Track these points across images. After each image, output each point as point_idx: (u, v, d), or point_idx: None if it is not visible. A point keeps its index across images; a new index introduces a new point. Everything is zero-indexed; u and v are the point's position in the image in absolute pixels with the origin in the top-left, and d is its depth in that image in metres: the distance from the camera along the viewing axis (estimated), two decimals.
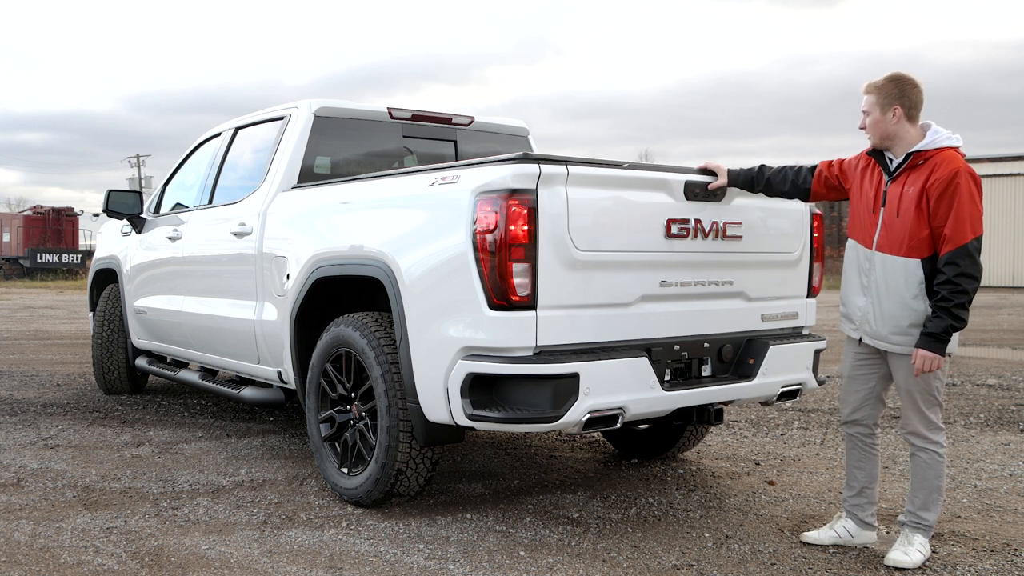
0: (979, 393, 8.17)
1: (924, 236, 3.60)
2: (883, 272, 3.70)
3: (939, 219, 3.56)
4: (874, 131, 3.75)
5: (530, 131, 6.28)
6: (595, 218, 3.86)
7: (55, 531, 4.08)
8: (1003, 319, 16.99)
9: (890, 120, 3.70)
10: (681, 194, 4.12)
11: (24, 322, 15.62)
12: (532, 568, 3.68)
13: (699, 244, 4.19)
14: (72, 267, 38.38)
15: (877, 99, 3.72)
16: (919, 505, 3.78)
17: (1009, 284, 29.42)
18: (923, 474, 3.76)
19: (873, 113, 3.73)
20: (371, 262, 4.24)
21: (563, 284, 3.75)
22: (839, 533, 3.97)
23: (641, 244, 4.02)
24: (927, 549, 3.77)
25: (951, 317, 3.52)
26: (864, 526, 3.97)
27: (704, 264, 4.24)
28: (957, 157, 3.62)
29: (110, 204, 6.88)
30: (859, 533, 3.96)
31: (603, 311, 3.91)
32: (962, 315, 3.53)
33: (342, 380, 4.54)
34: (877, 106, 3.72)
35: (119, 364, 7.52)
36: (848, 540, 3.95)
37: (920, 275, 3.61)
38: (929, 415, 3.73)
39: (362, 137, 5.56)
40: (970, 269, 3.52)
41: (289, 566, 3.68)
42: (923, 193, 3.58)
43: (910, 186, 3.63)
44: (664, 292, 4.09)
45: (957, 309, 3.52)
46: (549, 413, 3.67)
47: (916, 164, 3.65)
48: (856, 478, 3.98)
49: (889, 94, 3.70)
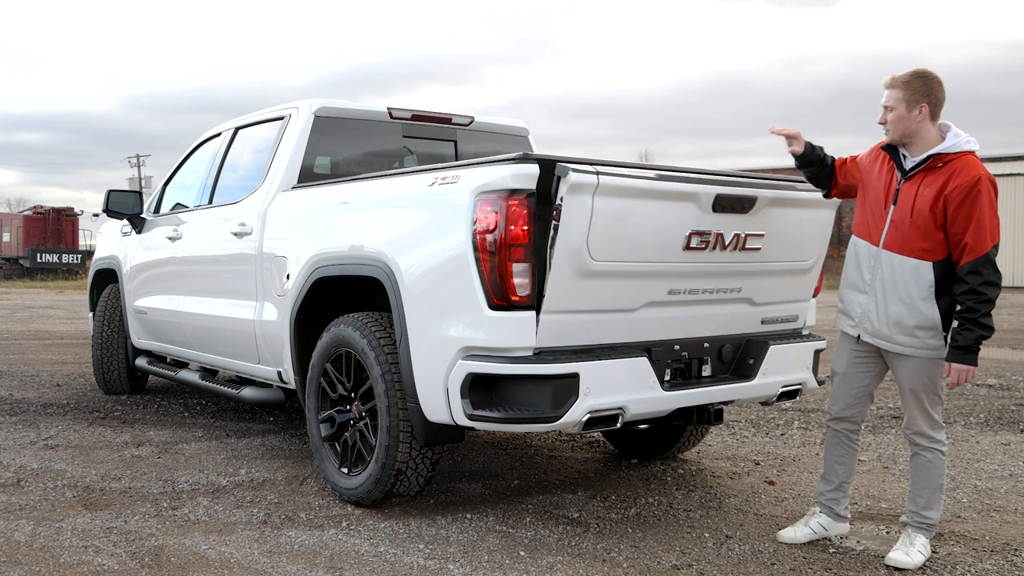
0: (979, 393, 8.17)
1: (939, 240, 3.55)
2: (890, 271, 3.65)
3: (958, 226, 3.50)
4: (896, 127, 3.63)
5: (530, 131, 6.29)
6: (616, 229, 3.72)
7: (55, 531, 4.08)
8: (1003, 319, 16.99)
9: (915, 118, 3.60)
10: (709, 207, 3.96)
11: (24, 322, 15.62)
12: (532, 568, 3.68)
13: (716, 255, 4.09)
14: (72, 267, 38.36)
15: (904, 95, 3.59)
16: (923, 505, 3.77)
17: (1009, 284, 29.46)
18: (927, 473, 3.76)
19: (898, 109, 3.61)
20: (371, 262, 4.24)
21: (572, 291, 3.71)
22: (814, 529, 4.01)
23: (658, 256, 3.92)
24: (928, 550, 3.76)
25: (979, 327, 3.49)
26: (838, 519, 4.02)
27: (717, 273, 4.18)
28: (977, 163, 3.54)
29: (110, 204, 6.88)
30: (832, 526, 4.02)
31: (607, 316, 3.90)
32: (989, 323, 3.51)
33: (342, 380, 4.54)
34: (903, 102, 3.60)
35: (119, 364, 7.52)
36: (823, 534, 4.01)
37: (931, 279, 3.57)
38: (933, 413, 3.73)
39: (362, 137, 5.56)
40: (992, 277, 3.49)
41: (289, 566, 3.68)
42: (940, 197, 3.52)
43: (926, 188, 3.56)
44: (671, 299, 4.08)
45: (984, 318, 3.49)
46: (549, 413, 3.67)
47: (935, 166, 3.57)
48: (836, 473, 4.01)
49: (917, 91, 3.59)
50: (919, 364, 3.68)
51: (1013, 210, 29.78)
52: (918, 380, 3.69)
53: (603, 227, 3.68)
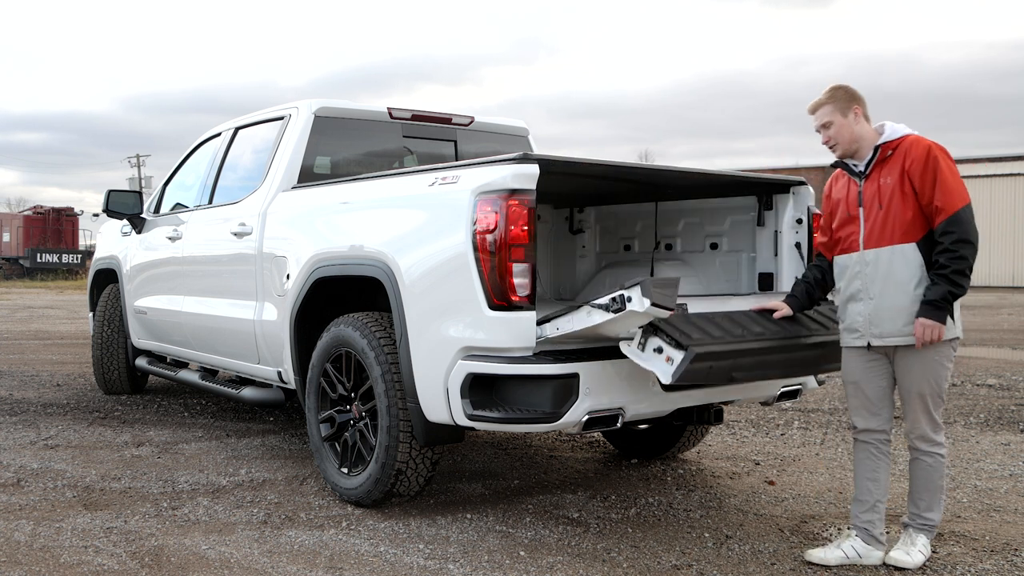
0: (979, 393, 8.17)
1: (910, 219, 3.60)
2: (877, 266, 3.66)
3: (926, 195, 3.57)
4: (841, 137, 3.75)
5: (530, 131, 6.29)
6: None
7: (55, 531, 4.08)
8: (1003, 319, 16.99)
9: (853, 120, 3.74)
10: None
11: (24, 322, 15.62)
12: (532, 568, 3.68)
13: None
14: (72, 267, 38.38)
15: (835, 106, 3.75)
16: (924, 507, 3.75)
17: (1009, 284, 29.39)
18: (928, 476, 3.73)
19: (836, 120, 3.75)
20: (371, 262, 4.24)
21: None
22: (847, 553, 3.75)
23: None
24: (928, 550, 3.76)
25: (949, 283, 3.50)
26: (875, 543, 3.77)
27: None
28: (922, 137, 3.67)
29: (110, 204, 6.88)
30: (868, 553, 3.75)
31: None
32: (960, 281, 3.50)
33: (342, 380, 4.53)
34: (837, 112, 3.74)
35: (119, 364, 7.52)
36: (855, 560, 3.73)
37: (919, 259, 3.59)
38: (935, 415, 3.70)
39: (362, 137, 5.56)
40: (966, 235, 3.51)
41: (289, 566, 3.68)
42: (903, 176, 3.61)
43: (887, 176, 3.66)
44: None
45: (955, 275, 3.50)
46: (549, 413, 3.67)
47: (885, 156, 3.68)
48: (869, 491, 3.78)
49: (843, 99, 3.75)
50: (926, 364, 3.63)
51: (1013, 210, 29.76)
52: (924, 382, 3.65)
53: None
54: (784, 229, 4.71)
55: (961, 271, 3.50)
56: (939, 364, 3.65)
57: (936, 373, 3.65)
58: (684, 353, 3.47)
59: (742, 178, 4.89)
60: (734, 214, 5.01)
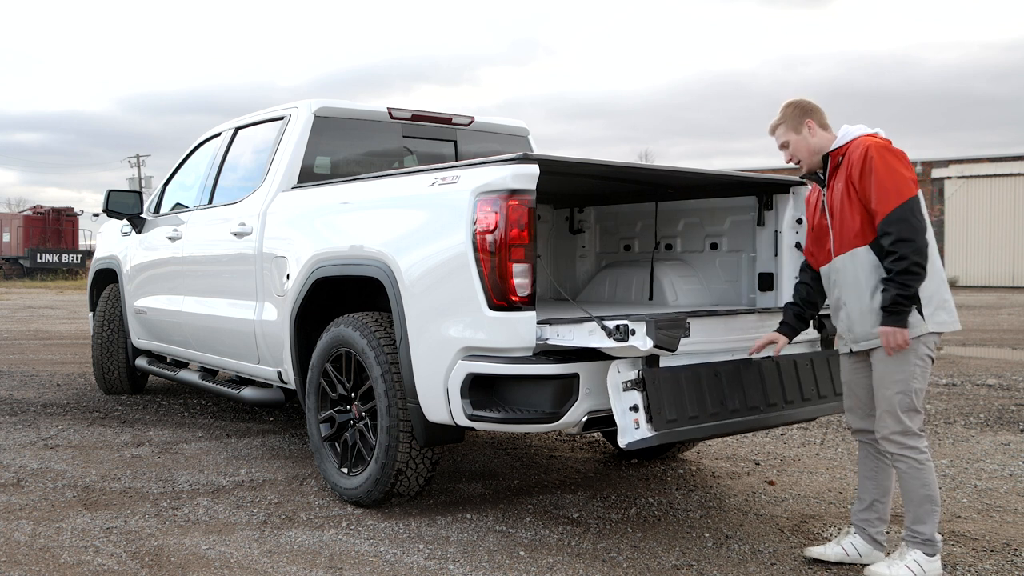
0: (979, 393, 8.17)
1: (860, 223, 3.58)
2: (845, 273, 3.65)
3: (866, 199, 3.54)
4: (801, 152, 3.77)
5: (530, 131, 6.29)
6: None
7: (55, 531, 4.08)
8: (1003, 319, 16.99)
9: (808, 135, 3.75)
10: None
11: (24, 322, 15.62)
12: (532, 568, 3.68)
13: None
14: (72, 267, 38.40)
15: (788, 124, 3.77)
16: (912, 519, 3.60)
17: (1009, 284, 29.42)
18: (907, 484, 3.59)
19: (791, 137, 3.77)
20: (371, 262, 4.24)
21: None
22: (846, 550, 3.73)
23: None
24: (923, 567, 3.53)
25: (897, 286, 3.43)
26: (874, 544, 3.73)
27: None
28: (868, 138, 3.62)
29: (110, 204, 6.88)
30: (868, 552, 3.72)
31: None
32: (908, 281, 3.43)
33: (342, 380, 4.54)
34: (791, 130, 3.77)
35: (119, 364, 7.52)
36: (856, 559, 3.71)
37: (873, 260, 3.56)
38: (904, 419, 3.54)
39: (362, 137, 5.57)
40: (904, 233, 3.43)
41: (289, 566, 3.68)
42: (848, 182, 3.61)
43: (838, 183, 3.66)
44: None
45: (902, 277, 3.42)
46: (549, 413, 3.67)
47: (837, 163, 3.68)
48: (867, 489, 3.77)
49: (794, 115, 3.77)
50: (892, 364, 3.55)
51: (1013, 210, 29.75)
52: (892, 382, 3.55)
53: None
54: (784, 229, 4.71)
55: (906, 270, 3.43)
56: (907, 363, 3.54)
57: (904, 372, 3.54)
58: (651, 433, 3.59)
59: (742, 178, 4.89)
60: (734, 214, 5.02)
